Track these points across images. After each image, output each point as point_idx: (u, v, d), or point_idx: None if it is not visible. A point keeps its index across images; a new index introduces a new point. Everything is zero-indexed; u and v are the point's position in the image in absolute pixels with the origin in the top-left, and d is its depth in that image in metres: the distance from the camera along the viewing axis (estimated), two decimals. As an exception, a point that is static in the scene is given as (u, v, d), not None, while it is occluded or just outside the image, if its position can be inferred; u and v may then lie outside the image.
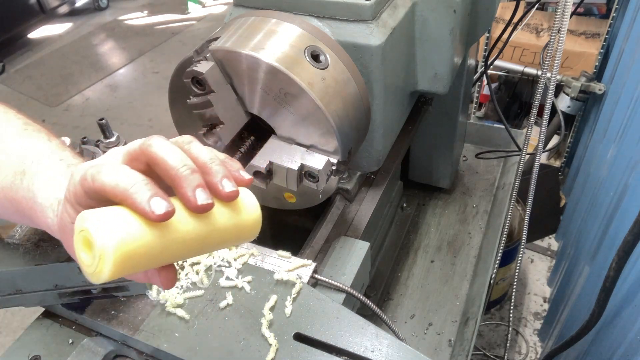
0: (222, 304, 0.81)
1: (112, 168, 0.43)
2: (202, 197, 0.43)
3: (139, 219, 0.41)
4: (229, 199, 0.46)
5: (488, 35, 2.53)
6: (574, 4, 1.28)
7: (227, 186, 0.45)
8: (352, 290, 0.85)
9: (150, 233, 0.41)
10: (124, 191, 0.41)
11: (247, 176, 0.49)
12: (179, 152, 0.45)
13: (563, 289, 2.02)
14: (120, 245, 0.39)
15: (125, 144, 0.94)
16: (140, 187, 0.41)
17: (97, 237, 0.39)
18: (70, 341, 0.87)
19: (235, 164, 0.49)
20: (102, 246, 0.39)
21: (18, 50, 4.83)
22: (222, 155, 0.49)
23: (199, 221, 0.44)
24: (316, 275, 0.85)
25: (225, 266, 0.86)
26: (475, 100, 2.98)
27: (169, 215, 0.41)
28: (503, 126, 1.50)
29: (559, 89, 2.54)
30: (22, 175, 0.54)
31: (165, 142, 0.45)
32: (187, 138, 0.49)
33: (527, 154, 1.41)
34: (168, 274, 0.47)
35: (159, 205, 0.41)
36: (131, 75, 4.46)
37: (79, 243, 0.41)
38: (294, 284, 0.82)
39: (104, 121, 0.91)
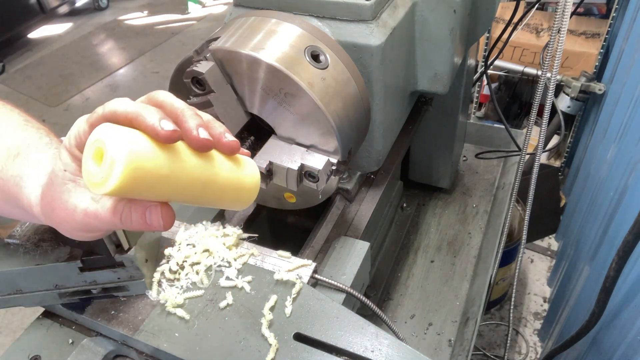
0: (222, 304, 0.81)
1: (122, 100, 0.45)
2: (203, 133, 0.46)
3: (150, 140, 0.43)
4: (204, 146, 0.47)
5: (488, 35, 2.53)
6: (574, 4, 1.28)
7: (202, 133, 0.47)
8: (352, 290, 0.85)
9: (159, 153, 0.43)
10: (135, 112, 0.43)
11: (231, 138, 0.51)
12: (153, 109, 0.46)
13: (563, 289, 2.02)
14: (132, 155, 0.40)
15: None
16: (151, 110, 0.44)
17: (112, 144, 0.40)
18: (70, 341, 0.87)
19: (221, 126, 0.51)
20: (116, 152, 0.40)
21: (18, 50, 4.83)
22: (209, 116, 0.52)
23: (202, 160, 0.47)
24: (316, 275, 0.85)
25: (225, 266, 0.86)
26: (475, 100, 2.98)
27: (176, 134, 0.43)
28: (503, 126, 1.50)
29: (559, 89, 2.54)
30: (16, 157, 0.55)
31: (156, 94, 0.48)
32: (162, 92, 0.51)
33: (527, 154, 1.41)
34: (168, 211, 0.47)
35: (167, 124, 0.43)
36: (131, 75, 4.46)
37: (89, 154, 0.42)
38: (294, 284, 0.82)
39: (104, 121, 0.91)
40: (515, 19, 1.37)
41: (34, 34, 5.03)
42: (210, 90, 0.71)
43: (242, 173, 0.52)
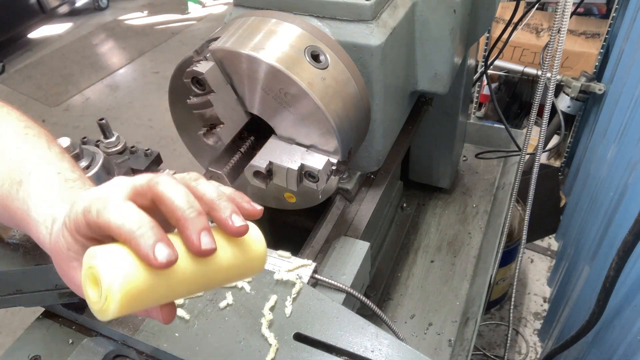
0: (222, 304, 0.81)
1: (118, 205, 0.43)
2: (205, 241, 0.43)
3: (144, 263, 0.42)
4: (239, 234, 0.46)
5: (488, 35, 2.53)
6: (574, 4, 1.28)
7: (237, 221, 0.46)
8: (352, 290, 0.85)
9: (156, 276, 0.42)
10: (130, 232, 0.41)
11: (257, 207, 0.49)
12: (185, 192, 0.44)
13: (563, 289, 2.02)
14: (126, 288, 0.40)
15: (125, 144, 0.94)
16: (145, 231, 0.41)
17: (105, 276, 0.40)
18: (70, 341, 0.87)
19: (244, 197, 0.49)
20: (109, 287, 0.40)
21: (18, 50, 4.83)
22: (229, 190, 0.49)
23: (203, 262, 0.45)
24: (316, 275, 0.85)
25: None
26: (475, 100, 2.98)
27: (171, 263, 0.41)
28: (503, 126, 1.50)
29: (559, 89, 2.54)
30: (19, 185, 0.54)
31: (172, 180, 0.45)
32: (193, 175, 0.48)
33: (527, 154, 1.41)
34: (169, 310, 0.48)
35: (162, 252, 0.41)
36: (131, 75, 4.46)
37: (86, 279, 0.42)
38: (294, 284, 0.82)
39: (104, 121, 0.91)
40: (515, 19, 1.37)
41: (34, 34, 5.03)
42: (210, 90, 0.71)
43: (247, 254, 0.48)
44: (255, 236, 0.50)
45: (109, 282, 0.40)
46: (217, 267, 0.46)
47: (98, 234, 0.44)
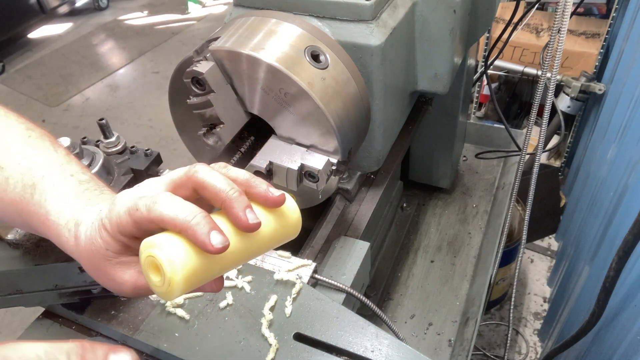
0: (222, 304, 0.81)
1: (168, 199, 0.45)
2: (252, 217, 0.47)
3: (198, 248, 0.45)
4: (279, 203, 0.50)
5: (488, 35, 2.53)
6: (574, 4, 1.28)
7: (275, 192, 0.50)
8: (352, 290, 0.85)
9: (209, 258, 0.46)
10: (185, 223, 0.44)
11: (276, 192, 0.51)
12: (223, 176, 0.48)
13: (563, 289, 2.02)
14: (186, 273, 0.44)
15: (125, 144, 0.94)
16: (199, 220, 0.44)
17: (167, 266, 0.44)
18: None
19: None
20: (172, 274, 0.44)
21: (18, 50, 4.83)
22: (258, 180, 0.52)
23: (249, 237, 0.49)
24: (316, 275, 0.85)
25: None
26: (475, 100, 2.98)
27: (225, 248, 0.44)
28: (503, 126, 1.50)
29: (559, 89, 2.54)
30: (33, 189, 0.54)
31: (208, 167, 0.48)
32: (221, 164, 0.52)
33: (527, 154, 1.41)
34: (220, 280, 0.52)
35: (216, 239, 0.44)
36: (131, 75, 4.46)
37: (147, 266, 0.46)
38: (294, 284, 0.82)
39: (104, 121, 0.91)
40: (515, 19, 1.37)
41: (34, 34, 5.03)
42: (210, 90, 0.71)
43: (285, 221, 0.53)
44: (290, 204, 0.53)
45: (170, 270, 0.44)
46: (260, 238, 0.50)
47: (144, 231, 0.47)
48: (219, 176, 0.47)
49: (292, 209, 0.53)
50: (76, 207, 0.52)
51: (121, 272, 0.50)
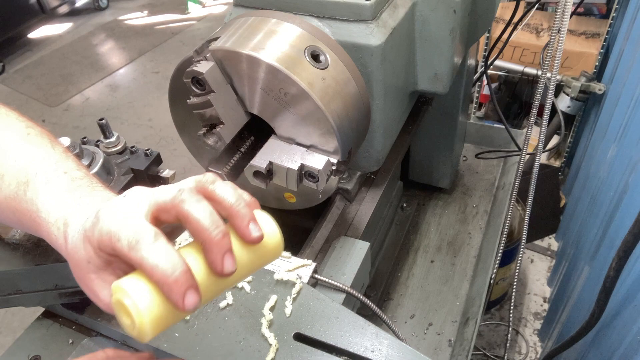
0: (222, 304, 0.81)
1: (151, 244, 0.43)
2: (227, 265, 0.45)
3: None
4: (255, 242, 0.48)
5: (488, 35, 2.53)
6: (574, 4, 1.28)
7: (254, 231, 0.47)
8: (352, 290, 0.85)
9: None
10: (163, 277, 0.43)
11: (256, 232, 0.49)
12: (210, 211, 0.46)
13: (563, 289, 2.02)
14: (155, 322, 0.44)
15: (125, 144, 0.94)
16: (178, 277, 0.43)
17: (135, 316, 0.43)
18: (70, 341, 0.87)
19: (257, 204, 0.51)
20: (140, 324, 0.43)
21: (18, 50, 4.83)
22: (247, 194, 0.50)
23: (223, 279, 0.47)
24: (316, 275, 0.85)
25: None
26: (475, 100, 2.98)
27: (196, 308, 0.43)
28: (503, 126, 1.50)
29: (559, 89, 2.54)
30: (26, 186, 0.54)
31: (196, 197, 0.46)
32: (210, 177, 0.49)
33: (527, 154, 1.41)
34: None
35: (190, 300, 0.43)
36: (131, 75, 4.46)
37: (118, 308, 0.45)
38: (294, 284, 0.82)
39: (104, 121, 0.91)
40: (515, 19, 1.37)
41: (34, 34, 5.03)
42: (210, 90, 0.71)
43: (263, 251, 0.50)
44: (270, 230, 0.51)
45: (138, 319, 0.43)
46: (236, 275, 0.48)
47: (120, 260, 0.46)
48: (206, 211, 0.45)
49: (272, 236, 0.51)
50: (66, 206, 0.51)
51: (100, 288, 0.49)
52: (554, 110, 2.34)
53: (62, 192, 0.53)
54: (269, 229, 0.51)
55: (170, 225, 0.48)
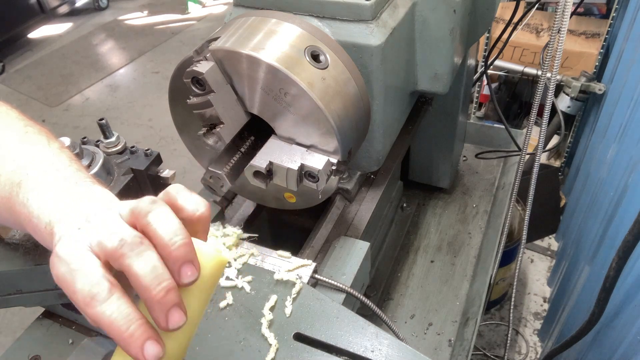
0: (222, 304, 0.81)
1: (105, 303, 0.43)
2: (173, 319, 0.44)
3: None
4: (187, 285, 0.46)
5: (488, 35, 2.53)
6: (574, 4, 1.28)
7: (185, 277, 0.46)
8: (352, 290, 0.85)
9: None
10: (119, 334, 0.43)
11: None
12: (152, 265, 0.44)
13: (563, 289, 2.02)
14: None
15: (125, 144, 0.94)
16: (134, 331, 0.43)
17: None
18: (70, 341, 0.87)
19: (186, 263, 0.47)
20: None
21: (18, 50, 4.83)
22: (182, 232, 0.47)
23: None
24: (316, 275, 0.85)
25: (225, 266, 0.85)
26: (475, 100, 2.98)
27: (158, 358, 0.44)
28: (503, 126, 1.50)
29: (559, 89, 2.54)
30: (18, 187, 0.54)
31: (137, 248, 0.45)
32: (145, 203, 0.47)
33: (527, 154, 1.41)
34: None
35: (150, 351, 0.43)
36: (131, 75, 4.46)
37: None
38: (294, 284, 0.82)
39: (104, 121, 0.91)
40: (515, 19, 1.37)
41: (34, 34, 5.03)
42: (210, 90, 0.71)
43: (201, 284, 0.48)
44: (204, 258, 0.48)
45: None
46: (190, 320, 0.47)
47: None
48: (145, 266, 0.44)
49: (207, 266, 0.48)
50: (55, 210, 0.51)
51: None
52: (554, 110, 2.34)
53: (52, 195, 0.52)
54: (204, 257, 0.48)
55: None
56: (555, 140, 2.75)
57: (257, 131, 0.80)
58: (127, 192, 0.83)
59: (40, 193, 0.53)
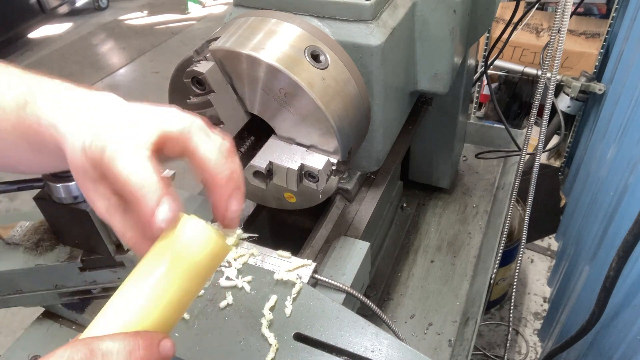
0: (222, 304, 0.81)
1: (129, 159, 0.42)
2: (233, 206, 0.45)
3: None
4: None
5: (488, 35, 2.53)
6: (574, 4, 1.28)
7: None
8: (352, 290, 0.85)
9: None
10: (136, 190, 0.42)
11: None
12: (218, 152, 0.45)
13: (563, 289, 2.02)
14: None
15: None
16: (149, 191, 0.42)
17: None
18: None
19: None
20: None
21: (18, 50, 4.83)
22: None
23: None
24: (316, 275, 0.85)
25: (225, 266, 0.86)
26: (475, 100, 2.98)
27: (169, 222, 0.42)
28: (503, 126, 1.50)
29: (559, 89, 2.54)
30: (25, 106, 0.53)
31: (205, 131, 0.45)
32: (222, 144, 0.48)
33: (527, 154, 1.41)
34: None
35: (162, 213, 0.42)
36: (131, 75, 4.47)
37: None
38: (294, 284, 0.82)
39: (104, 121, 0.91)
40: (515, 19, 1.37)
41: (34, 34, 5.03)
42: (210, 90, 0.71)
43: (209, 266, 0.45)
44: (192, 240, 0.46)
45: None
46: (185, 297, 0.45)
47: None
48: (214, 148, 0.44)
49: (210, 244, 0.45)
50: (66, 105, 0.50)
51: (96, 198, 0.48)
52: (554, 110, 2.34)
53: (62, 99, 0.51)
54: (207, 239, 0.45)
55: None
56: (555, 140, 2.75)
57: (257, 131, 0.80)
58: (127, 192, 0.83)
59: (50, 99, 0.51)
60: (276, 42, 0.72)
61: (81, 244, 0.80)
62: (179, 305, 0.45)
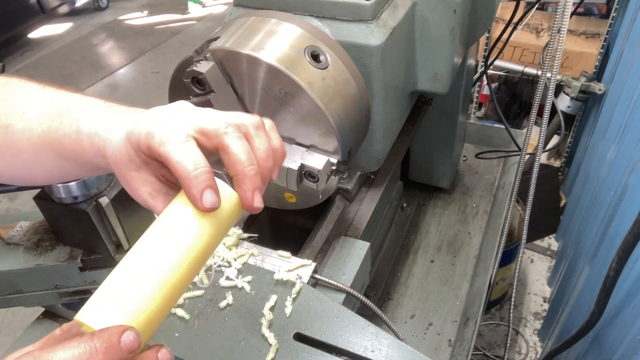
0: (222, 304, 0.81)
1: (181, 142, 0.46)
2: (258, 200, 0.48)
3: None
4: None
5: (488, 35, 2.53)
6: (574, 4, 1.28)
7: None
8: (352, 290, 0.85)
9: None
10: (185, 172, 0.45)
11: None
12: (248, 149, 0.49)
13: (563, 289, 2.02)
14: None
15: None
16: (199, 173, 0.45)
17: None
18: (70, 341, 0.86)
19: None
20: None
21: (18, 50, 4.83)
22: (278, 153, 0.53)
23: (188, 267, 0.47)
24: (316, 275, 0.85)
25: (225, 266, 0.86)
26: (475, 100, 2.98)
27: (213, 209, 0.46)
28: (503, 126, 1.50)
29: (559, 89, 2.54)
30: (60, 116, 0.56)
31: (238, 133, 0.49)
32: (254, 122, 0.52)
33: (527, 154, 1.41)
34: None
35: (209, 199, 0.46)
36: (131, 75, 4.46)
37: None
38: (294, 284, 0.82)
39: (104, 121, 0.91)
40: (515, 19, 1.37)
41: (34, 34, 5.03)
42: (210, 90, 0.71)
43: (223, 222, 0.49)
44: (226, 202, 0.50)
45: None
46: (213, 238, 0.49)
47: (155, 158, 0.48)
48: (243, 147, 0.48)
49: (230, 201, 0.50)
50: (107, 117, 0.54)
51: (139, 184, 0.51)
52: (554, 110, 2.34)
53: (100, 110, 0.55)
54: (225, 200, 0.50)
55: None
56: (555, 140, 2.75)
57: (257, 131, 0.80)
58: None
59: (90, 110, 0.55)
60: (276, 42, 0.72)
61: (81, 244, 0.80)
62: (206, 253, 0.49)
